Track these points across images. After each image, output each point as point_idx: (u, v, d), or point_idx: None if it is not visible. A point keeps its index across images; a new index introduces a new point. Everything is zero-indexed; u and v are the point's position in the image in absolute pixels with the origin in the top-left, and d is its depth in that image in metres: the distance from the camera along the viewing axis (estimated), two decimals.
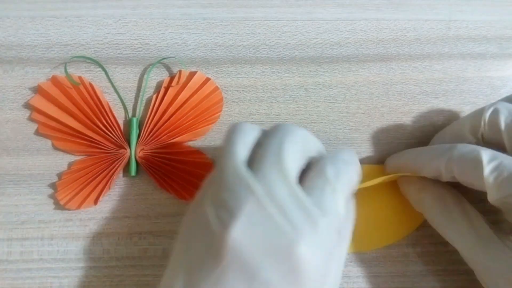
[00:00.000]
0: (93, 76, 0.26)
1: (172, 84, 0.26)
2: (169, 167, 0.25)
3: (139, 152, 0.25)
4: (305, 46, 0.27)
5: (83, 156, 0.25)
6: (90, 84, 0.26)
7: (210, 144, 0.26)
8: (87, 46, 0.26)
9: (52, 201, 0.25)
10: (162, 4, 0.27)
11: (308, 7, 0.28)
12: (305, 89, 0.27)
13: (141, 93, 0.26)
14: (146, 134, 0.25)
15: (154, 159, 0.25)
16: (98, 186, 0.25)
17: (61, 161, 0.25)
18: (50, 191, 0.25)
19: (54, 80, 0.25)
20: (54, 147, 0.26)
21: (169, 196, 0.25)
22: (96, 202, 0.25)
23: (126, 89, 0.26)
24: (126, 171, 0.25)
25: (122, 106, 0.26)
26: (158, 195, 0.26)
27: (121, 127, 0.26)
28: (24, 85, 0.26)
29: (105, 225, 0.25)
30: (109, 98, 0.26)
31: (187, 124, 0.26)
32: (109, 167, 0.25)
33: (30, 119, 0.26)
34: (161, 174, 0.25)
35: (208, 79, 0.26)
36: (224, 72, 0.27)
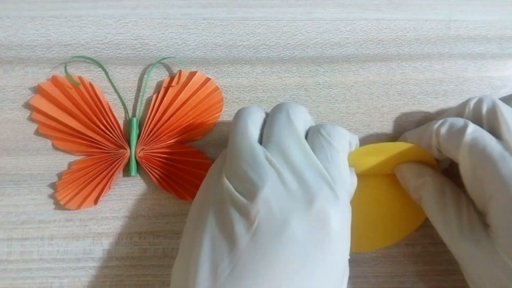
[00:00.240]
0: (93, 76, 0.26)
1: (172, 84, 0.26)
2: (169, 167, 0.25)
3: (139, 152, 0.25)
4: (305, 46, 0.27)
5: (83, 156, 0.25)
6: (90, 84, 0.26)
7: (210, 144, 0.26)
8: (87, 46, 0.26)
9: (52, 201, 0.25)
10: (162, 4, 0.27)
11: (308, 7, 0.28)
12: (305, 89, 0.27)
13: (141, 93, 0.26)
14: (146, 134, 0.25)
15: (154, 159, 0.25)
16: (98, 186, 0.25)
17: (61, 161, 0.25)
18: (50, 191, 0.25)
19: (54, 80, 0.25)
20: (54, 147, 0.26)
21: (169, 196, 0.25)
22: (96, 202, 0.25)
23: (126, 89, 0.26)
24: (126, 171, 0.25)
25: (122, 106, 0.26)
26: (158, 195, 0.26)
27: (121, 127, 0.26)
28: (24, 85, 0.26)
29: (105, 225, 0.25)
30: (109, 98, 0.26)
31: (187, 124, 0.26)
32: (109, 167, 0.25)
33: (30, 119, 0.26)
34: (161, 174, 0.25)
35: (208, 79, 0.26)
36: (224, 72, 0.27)
